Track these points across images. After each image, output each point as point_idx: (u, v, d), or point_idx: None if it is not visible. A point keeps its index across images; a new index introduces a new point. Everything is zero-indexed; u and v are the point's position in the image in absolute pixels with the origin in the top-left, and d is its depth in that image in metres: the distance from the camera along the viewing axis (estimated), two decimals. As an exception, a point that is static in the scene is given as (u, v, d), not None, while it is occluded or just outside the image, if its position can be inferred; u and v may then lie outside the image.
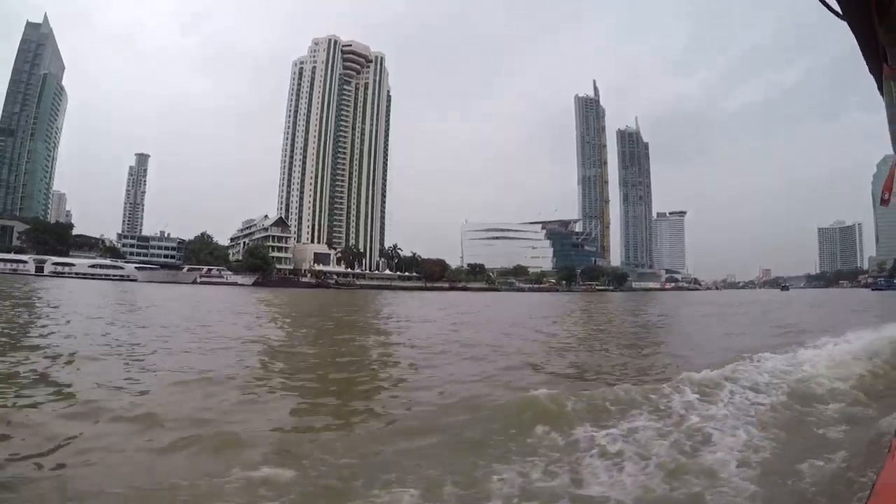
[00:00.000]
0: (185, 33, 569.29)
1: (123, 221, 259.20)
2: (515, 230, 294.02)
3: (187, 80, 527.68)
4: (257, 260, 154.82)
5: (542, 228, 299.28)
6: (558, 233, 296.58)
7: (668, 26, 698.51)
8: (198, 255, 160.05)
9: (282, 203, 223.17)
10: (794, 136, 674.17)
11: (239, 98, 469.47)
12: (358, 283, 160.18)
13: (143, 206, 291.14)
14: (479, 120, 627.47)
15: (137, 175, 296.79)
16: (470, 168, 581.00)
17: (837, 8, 1.83)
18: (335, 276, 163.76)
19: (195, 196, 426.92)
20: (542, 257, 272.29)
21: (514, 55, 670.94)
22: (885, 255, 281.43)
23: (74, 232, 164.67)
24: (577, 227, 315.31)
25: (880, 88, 2.51)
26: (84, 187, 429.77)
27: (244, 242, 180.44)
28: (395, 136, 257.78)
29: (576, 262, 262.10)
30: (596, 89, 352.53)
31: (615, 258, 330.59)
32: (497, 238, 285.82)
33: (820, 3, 1.77)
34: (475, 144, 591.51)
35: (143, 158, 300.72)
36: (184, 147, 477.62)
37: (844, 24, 1.82)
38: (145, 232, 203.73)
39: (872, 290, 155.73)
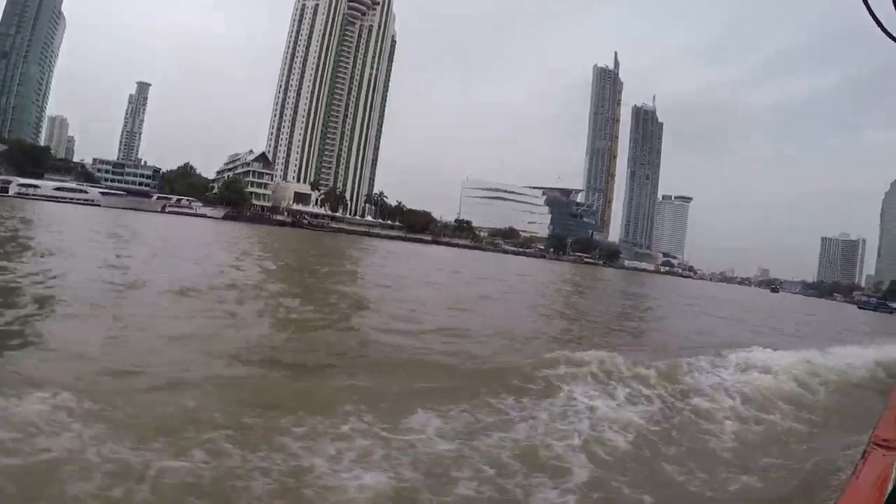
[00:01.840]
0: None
1: (119, 149, 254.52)
2: (515, 192, 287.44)
3: (205, 14, 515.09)
4: (233, 194, 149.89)
5: (543, 194, 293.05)
6: (559, 201, 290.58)
7: (703, 15, 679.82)
8: (172, 184, 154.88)
9: (271, 140, 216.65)
10: (809, 145, 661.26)
11: (252, 38, 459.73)
12: (332, 226, 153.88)
13: (139, 134, 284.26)
14: (494, 83, 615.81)
15: (137, 104, 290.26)
16: (478, 131, 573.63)
17: (891, 29, 1.72)
18: (307, 217, 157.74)
19: (200, 130, 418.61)
20: (538, 223, 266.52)
21: (541, 25, 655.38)
22: (884, 276, 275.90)
23: (76, 158, 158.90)
24: (580, 198, 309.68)
25: None
26: (88, 114, 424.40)
27: (228, 176, 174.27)
28: (402, 88, 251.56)
29: (573, 231, 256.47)
30: (617, 62, 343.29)
31: (614, 234, 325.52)
32: (496, 198, 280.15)
33: (872, 20, 1.70)
34: (487, 107, 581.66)
35: (143, 87, 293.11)
36: (196, 82, 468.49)
37: (881, 42, 1.73)
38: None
39: (858, 307, 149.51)
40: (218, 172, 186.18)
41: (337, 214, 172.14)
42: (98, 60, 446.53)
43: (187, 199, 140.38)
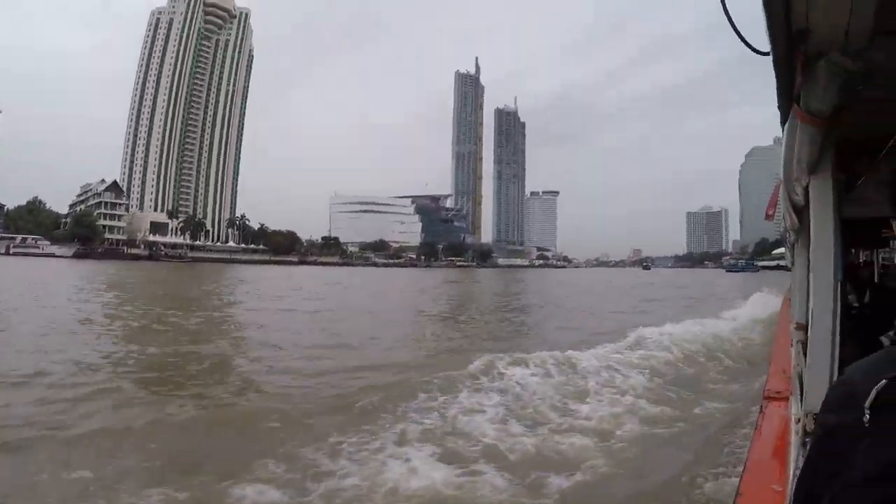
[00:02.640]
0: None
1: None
2: (385, 204, 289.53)
3: (70, 34, 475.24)
4: (83, 229, 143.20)
5: (412, 203, 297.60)
6: (428, 208, 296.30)
7: (571, 9, 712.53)
8: (17, 222, 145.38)
9: (125, 167, 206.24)
10: (676, 129, 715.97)
11: (118, 58, 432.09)
12: (191, 255, 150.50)
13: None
14: (362, 96, 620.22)
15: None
16: (347, 144, 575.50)
17: (759, 46, 1.92)
18: (163, 248, 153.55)
19: (55, 161, 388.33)
20: (410, 232, 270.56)
21: (407, 33, 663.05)
22: (748, 240, 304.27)
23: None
24: (449, 203, 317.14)
25: (782, 122, 2.72)
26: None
27: (80, 209, 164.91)
28: (267, 105, 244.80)
29: (445, 237, 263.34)
30: (477, 67, 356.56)
31: (487, 235, 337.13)
32: (366, 211, 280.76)
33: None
34: (355, 120, 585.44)
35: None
36: (51, 109, 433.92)
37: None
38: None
39: (727, 271, 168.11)
40: (71, 206, 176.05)
41: (197, 243, 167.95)
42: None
43: (33, 238, 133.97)
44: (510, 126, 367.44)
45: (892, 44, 1.88)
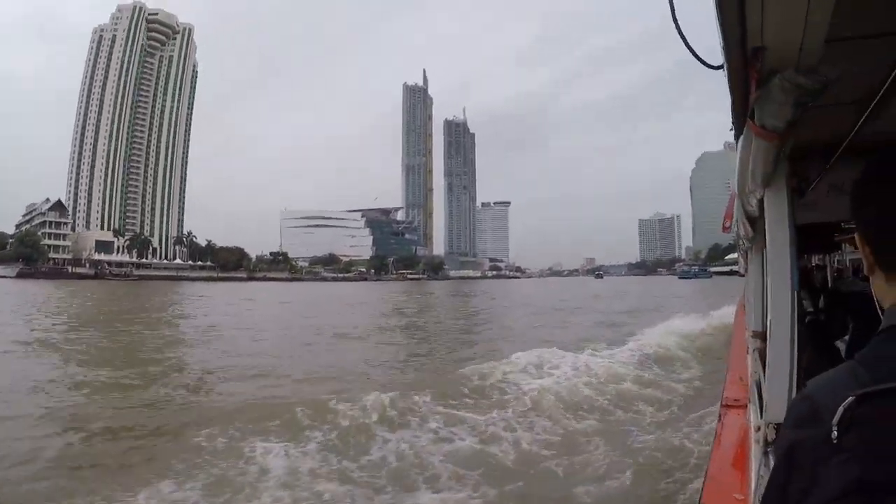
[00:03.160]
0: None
1: None
2: (336, 218, 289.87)
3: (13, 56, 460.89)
4: (27, 249, 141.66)
5: (363, 217, 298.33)
6: (378, 221, 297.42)
7: (517, 21, 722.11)
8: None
9: (71, 186, 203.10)
10: (627, 136, 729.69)
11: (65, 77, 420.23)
12: (137, 273, 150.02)
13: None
14: (313, 111, 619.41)
15: None
16: (298, 159, 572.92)
17: (708, 58, 1.93)
18: (107, 266, 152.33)
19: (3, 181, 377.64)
20: (361, 245, 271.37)
21: (353, 44, 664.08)
22: (701, 245, 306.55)
23: None
24: (400, 216, 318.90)
25: (736, 136, 2.69)
26: None
27: (25, 229, 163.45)
28: (214, 122, 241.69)
29: (396, 250, 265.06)
30: (425, 78, 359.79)
31: (440, 247, 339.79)
32: (318, 226, 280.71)
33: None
34: (306, 135, 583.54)
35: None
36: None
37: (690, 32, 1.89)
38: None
39: (679, 278, 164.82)
40: (17, 226, 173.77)
41: (144, 261, 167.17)
42: None
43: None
44: (460, 137, 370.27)
45: (843, 52, 1.94)
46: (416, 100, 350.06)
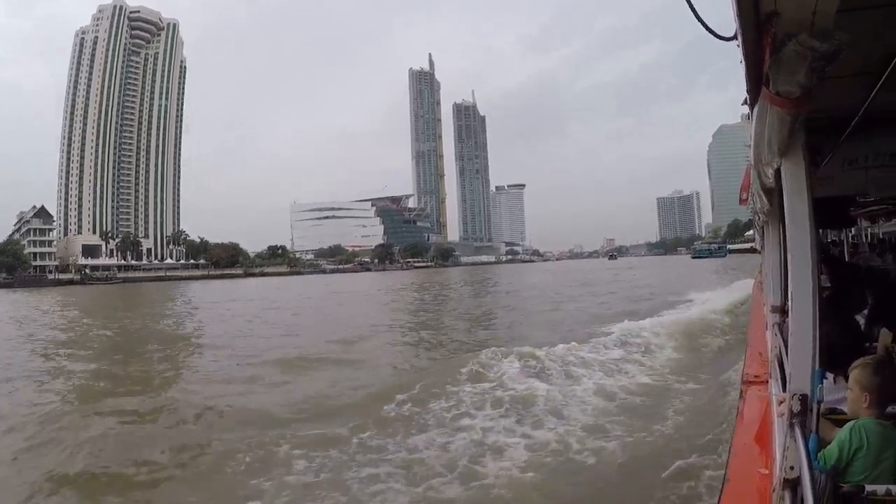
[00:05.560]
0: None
1: None
2: (346, 209, 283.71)
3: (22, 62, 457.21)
4: (8, 258, 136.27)
5: (372, 206, 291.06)
6: (389, 210, 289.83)
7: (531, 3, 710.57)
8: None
9: (61, 193, 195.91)
10: (645, 117, 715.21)
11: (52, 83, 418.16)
12: (121, 276, 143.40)
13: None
14: (325, 104, 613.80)
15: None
16: (308, 151, 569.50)
17: (720, 30, 1.96)
18: (87, 270, 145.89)
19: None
20: (372, 235, 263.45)
21: (367, 38, 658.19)
22: (721, 222, 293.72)
23: None
24: (411, 203, 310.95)
25: (751, 106, 2.75)
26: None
27: (7, 239, 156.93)
28: (212, 119, 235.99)
29: (408, 238, 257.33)
30: (431, 63, 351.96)
31: (454, 233, 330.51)
32: (327, 218, 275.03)
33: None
34: (315, 126, 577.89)
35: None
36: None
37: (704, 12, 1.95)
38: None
39: (692, 257, 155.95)
40: (10, 237, 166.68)
41: (132, 262, 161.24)
42: None
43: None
44: (470, 121, 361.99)
45: (856, 20, 1.90)
46: (423, 84, 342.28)
